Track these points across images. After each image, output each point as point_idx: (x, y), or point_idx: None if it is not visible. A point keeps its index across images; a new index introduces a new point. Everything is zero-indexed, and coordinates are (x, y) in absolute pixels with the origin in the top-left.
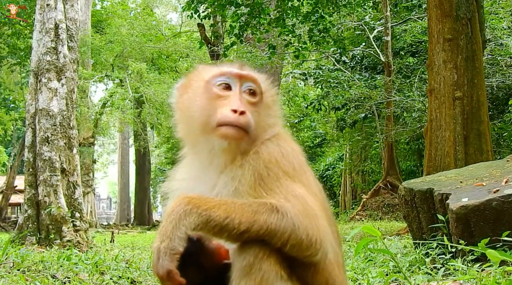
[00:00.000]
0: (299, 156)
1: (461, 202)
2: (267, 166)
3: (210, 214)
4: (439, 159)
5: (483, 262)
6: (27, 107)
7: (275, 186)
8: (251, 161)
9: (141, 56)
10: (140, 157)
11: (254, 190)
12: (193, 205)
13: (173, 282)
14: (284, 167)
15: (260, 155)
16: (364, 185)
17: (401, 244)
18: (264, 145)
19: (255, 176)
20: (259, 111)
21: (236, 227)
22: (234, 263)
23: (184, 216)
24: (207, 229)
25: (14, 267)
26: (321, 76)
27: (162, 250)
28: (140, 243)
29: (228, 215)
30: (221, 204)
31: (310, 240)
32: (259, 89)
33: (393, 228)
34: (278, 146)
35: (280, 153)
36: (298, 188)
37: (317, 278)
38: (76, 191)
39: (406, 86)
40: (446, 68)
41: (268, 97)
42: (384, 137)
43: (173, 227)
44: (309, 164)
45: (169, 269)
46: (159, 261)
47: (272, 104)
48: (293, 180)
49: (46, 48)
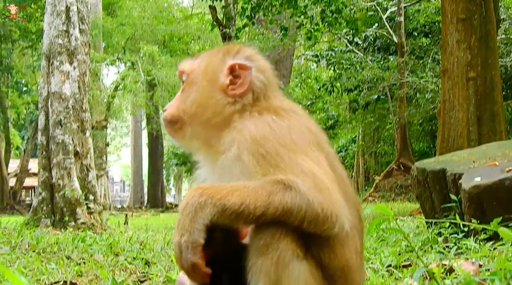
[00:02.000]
0: (301, 130)
1: (474, 181)
2: (260, 143)
3: (224, 203)
4: (452, 140)
5: (495, 240)
6: (40, 90)
7: (279, 161)
8: (236, 141)
9: (152, 38)
10: (152, 140)
11: (260, 168)
12: (207, 196)
13: (198, 273)
14: (279, 140)
15: (241, 134)
16: (377, 166)
17: (414, 224)
18: (238, 123)
19: (254, 156)
20: (185, 95)
21: (252, 212)
22: (251, 243)
23: (200, 208)
24: (224, 218)
25: (30, 249)
26: (334, 57)
27: (183, 244)
28: (154, 225)
29: (243, 201)
30: (234, 190)
31: (326, 214)
32: (186, 74)
33: (406, 209)
34: (265, 120)
35: (268, 126)
36: (303, 161)
37: (332, 263)
38: (89, 174)
39: (419, 67)
40: (460, 48)
41: (194, 73)
42: (397, 118)
43: (190, 220)
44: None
45: (193, 262)
46: (182, 255)
47: (199, 77)
48: (295, 153)
49: (58, 31)
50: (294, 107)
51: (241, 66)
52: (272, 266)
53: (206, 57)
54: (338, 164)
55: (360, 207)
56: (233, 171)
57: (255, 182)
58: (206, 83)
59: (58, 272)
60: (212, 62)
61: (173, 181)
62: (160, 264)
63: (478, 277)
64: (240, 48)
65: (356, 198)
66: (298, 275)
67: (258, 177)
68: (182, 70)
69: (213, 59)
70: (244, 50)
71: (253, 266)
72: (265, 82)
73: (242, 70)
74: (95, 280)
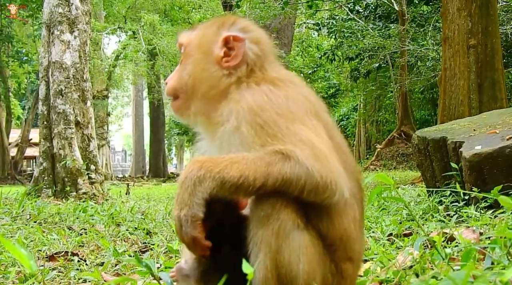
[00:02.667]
0: (298, 100)
1: (474, 150)
2: (257, 113)
3: (223, 176)
4: (453, 108)
5: (496, 209)
6: (40, 60)
7: (276, 131)
8: (234, 113)
9: (153, 7)
10: (154, 110)
11: (259, 139)
12: (206, 169)
13: (199, 246)
14: (276, 110)
15: (238, 104)
16: (378, 135)
17: (415, 193)
18: (235, 94)
19: (252, 126)
20: (184, 67)
21: (251, 184)
22: (251, 214)
23: (199, 182)
24: (223, 191)
25: (31, 219)
26: (335, 26)
27: (183, 218)
28: (156, 195)
29: (242, 173)
30: (233, 162)
31: (325, 182)
32: (183, 46)
33: (407, 177)
34: (261, 90)
35: (265, 96)
36: (301, 130)
37: (331, 232)
38: (90, 144)
39: (420, 35)
40: (460, 16)
41: (190, 46)
42: (398, 86)
43: (189, 194)
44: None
45: (193, 236)
46: (182, 228)
47: (194, 49)
48: (292, 122)
49: (58, 0)
50: (292, 77)
51: (235, 37)
52: (272, 236)
53: (202, 29)
54: (337, 133)
55: (360, 175)
56: (231, 142)
57: (254, 154)
58: (201, 56)
59: (59, 242)
60: (206, 34)
61: (175, 150)
62: (162, 234)
63: (478, 245)
64: (235, 19)
65: (356, 167)
66: (299, 245)
67: (257, 148)
68: (180, 42)
69: (208, 31)
70: (238, 22)
71: (254, 237)
72: (259, 54)
73: (236, 41)
74: (96, 251)
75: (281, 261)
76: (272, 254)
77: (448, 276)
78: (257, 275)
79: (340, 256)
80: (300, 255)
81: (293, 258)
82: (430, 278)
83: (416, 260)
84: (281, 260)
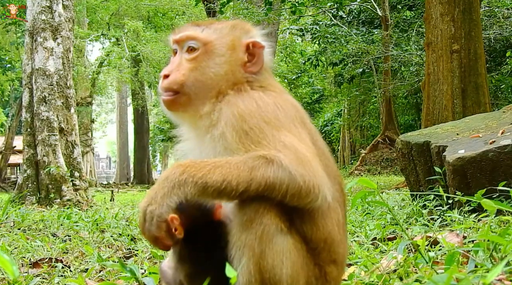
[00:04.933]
0: (286, 108)
1: (458, 154)
2: (245, 120)
3: (206, 181)
4: (437, 113)
5: (480, 212)
6: (24, 67)
7: (261, 138)
8: (223, 117)
9: (137, 14)
10: (138, 116)
11: (242, 145)
12: (188, 174)
13: (160, 245)
14: (264, 117)
15: (229, 109)
16: (362, 140)
17: (399, 197)
18: (231, 96)
19: (237, 132)
20: (199, 64)
21: (234, 189)
22: (234, 218)
23: (178, 186)
24: (205, 195)
25: (15, 226)
26: (318, 31)
27: (148, 213)
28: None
29: (225, 178)
30: (216, 167)
31: (308, 186)
32: (200, 42)
33: (392, 182)
34: (252, 98)
35: (255, 104)
36: (286, 137)
37: (315, 235)
38: (74, 151)
39: (403, 40)
40: (443, 21)
41: (216, 45)
42: (382, 91)
43: (164, 194)
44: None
45: (155, 236)
46: (145, 224)
47: (225, 50)
48: (278, 129)
49: (41, 7)
50: (277, 84)
51: (257, 44)
52: (256, 240)
53: (227, 30)
54: (319, 139)
55: (342, 180)
56: (216, 148)
57: (237, 158)
58: (230, 58)
59: (43, 249)
60: (235, 37)
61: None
62: (146, 241)
63: (462, 249)
64: (250, 26)
65: (338, 172)
66: (282, 249)
67: (240, 154)
68: (193, 36)
69: (235, 35)
70: (254, 29)
71: (237, 241)
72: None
73: (257, 48)
74: (80, 257)
75: (264, 266)
76: (255, 258)
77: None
78: (240, 279)
79: (324, 259)
80: (283, 259)
81: (277, 262)
82: (414, 281)
83: (400, 264)
84: (265, 264)
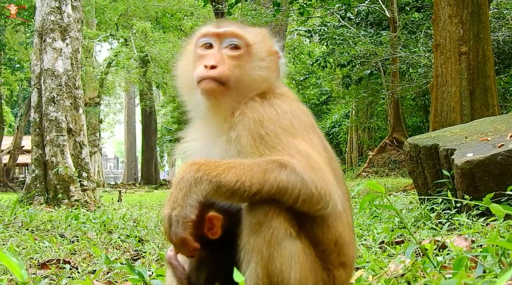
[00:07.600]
0: (300, 115)
1: (466, 157)
2: (262, 125)
3: (220, 180)
4: (445, 115)
5: (488, 216)
6: (32, 67)
7: (276, 143)
8: (242, 121)
9: (145, 15)
10: (146, 117)
11: (256, 149)
12: (203, 172)
13: (187, 248)
14: (281, 124)
15: (251, 113)
16: (370, 141)
17: (407, 200)
18: (254, 102)
19: (252, 136)
20: (243, 64)
21: (247, 190)
22: (244, 221)
23: (195, 184)
24: (219, 195)
25: (23, 227)
26: (326, 33)
27: (174, 218)
28: (148, 202)
29: (239, 178)
30: (230, 167)
31: (320, 193)
32: (244, 42)
33: (399, 184)
34: (272, 105)
35: (274, 111)
36: (300, 144)
37: (326, 236)
38: (82, 151)
39: (411, 42)
40: (452, 22)
41: (258, 49)
42: (390, 93)
43: (184, 195)
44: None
45: (183, 237)
46: (171, 228)
47: (265, 55)
48: (293, 136)
49: (50, 8)
50: (290, 91)
51: (276, 53)
52: (264, 244)
53: (263, 36)
54: (326, 144)
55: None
56: (230, 150)
57: (251, 160)
58: (270, 64)
59: (51, 250)
60: (271, 45)
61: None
62: (154, 242)
63: (470, 253)
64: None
65: (341, 174)
66: (291, 253)
67: (254, 157)
68: (238, 34)
69: (270, 42)
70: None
71: (246, 244)
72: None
73: (277, 56)
74: (88, 258)
75: (272, 269)
76: (263, 262)
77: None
78: (248, 283)
79: (334, 261)
80: (292, 263)
81: (285, 266)
82: None
83: (408, 268)
84: (273, 268)
